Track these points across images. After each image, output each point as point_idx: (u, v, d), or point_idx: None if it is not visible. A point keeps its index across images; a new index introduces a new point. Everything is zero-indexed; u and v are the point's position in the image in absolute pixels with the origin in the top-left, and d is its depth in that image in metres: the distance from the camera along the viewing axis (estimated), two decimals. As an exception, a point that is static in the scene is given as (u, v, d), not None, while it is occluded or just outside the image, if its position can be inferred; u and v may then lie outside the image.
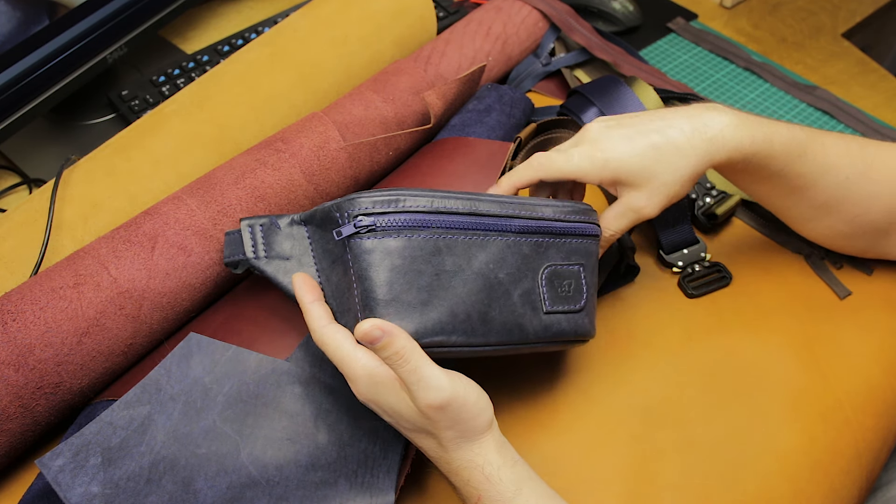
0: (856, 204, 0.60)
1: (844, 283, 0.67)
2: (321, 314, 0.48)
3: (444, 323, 0.47)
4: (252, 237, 0.51)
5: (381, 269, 0.46)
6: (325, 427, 0.52)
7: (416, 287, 0.46)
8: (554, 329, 0.52)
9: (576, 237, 0.53)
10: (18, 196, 0.75)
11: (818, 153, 0.57)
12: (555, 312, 0.52)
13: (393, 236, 0.46)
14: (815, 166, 0.57)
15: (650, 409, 0.59)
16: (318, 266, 0.50)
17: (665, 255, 0.68)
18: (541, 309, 0.51)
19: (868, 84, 0.89)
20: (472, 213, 0.49)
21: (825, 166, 0.58)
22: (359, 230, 0.46)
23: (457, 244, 0.48)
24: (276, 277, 0.51)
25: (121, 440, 0.48)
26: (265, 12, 0.93)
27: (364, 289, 0.46)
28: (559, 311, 0.52)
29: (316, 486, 0.50)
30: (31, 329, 0.51)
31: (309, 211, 0.51)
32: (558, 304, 0.52)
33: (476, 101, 0.72)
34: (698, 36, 0.94)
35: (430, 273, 0.47)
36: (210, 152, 0.65)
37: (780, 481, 0.56)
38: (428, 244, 0.47)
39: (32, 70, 0.69)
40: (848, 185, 0.59)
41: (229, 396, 0.51)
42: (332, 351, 0.47)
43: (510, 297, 0.50)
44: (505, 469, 0.47)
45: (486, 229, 0.49)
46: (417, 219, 0.47)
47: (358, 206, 0.46)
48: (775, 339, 0.63)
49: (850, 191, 0.59)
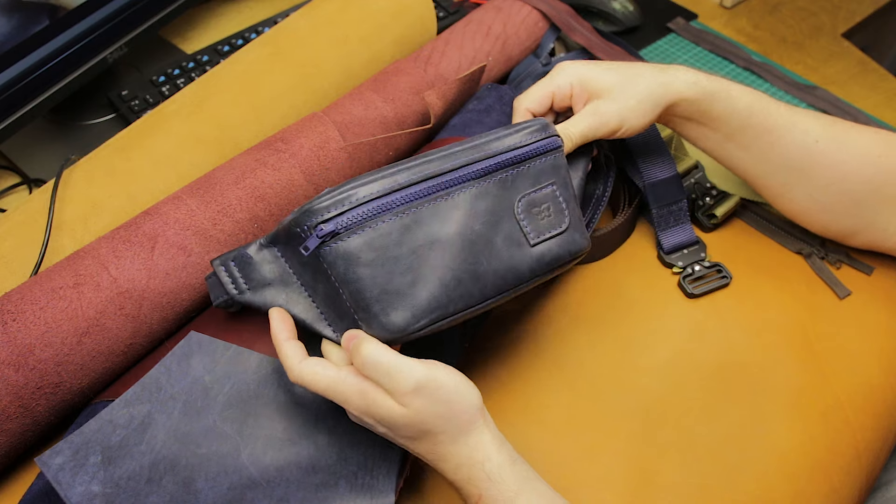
0: (829, 169, 0.61)
1: (844, 283, 0.67)
2: (294, 352, 0.47)
3: (437, 297, 0.47)
4: (229, 275, 0.50)
5: (358, 269, 0.46)
6: (326, 429, 0.52)
7: (398, 272, 0.46)
8: (547, 258, 0.51)
9: (537, 157, 0.52)
10: (18, 196, 0.75)
11: (783, 110, 0.61)
12: (543, 241, 0.51)
13: (358, 233, 0.46)
14: (781, 121, 0.60)
15: (650, 409, 0.59)
16: (301, 280, 0.49)
17: (665, 255, 0.68)
18: (527, 244, 0.50)
19: (868, 84, 0.89)
20: (425, 178, 0.48)
21: (791, 122, 0.60)
22: (323, 239, 0.46)
23: (422, 215, 0.47)
24: (266, 306, 0.50)
25: (121, 439, 0.48)
26: (265, 12, 0.93)
27: (350, 292, 0.46)
28: (547, 238, 0.51)
29: (316, 487, 0.50)
30: (31, 329, 0.51)
31: (272, 232, 0.50)
32: (543, 232, 0.51)
33: (476, 102, 0.72)
34: (698, 36, 0.94)
35: (407, 254, 0.46)
36: (210, 152, 0.65)
37: (780, 481, 0.56)
38: (394, 226, 0.46)
39: (32, 70, 0.69)
40: (820, 150, 0.60)
41: (230, 396, 0.51)
42: (315, 383, 0.47)
43: (494, 245, 0.49)
44: (505, 467, 0.47)
45: (446, 187, 0.48)
46: (374, 206, 0.46)
47: (314, 216, 0.46)
48: (775, 339, 0.63)
49: (822, 155, 0.61)
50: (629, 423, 0.58)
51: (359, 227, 0.46)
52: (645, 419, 0.59)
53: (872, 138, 0.61)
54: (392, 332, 0.46)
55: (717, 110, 0.60)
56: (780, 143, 0.61)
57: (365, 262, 0.46)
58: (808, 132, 0.60)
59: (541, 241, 0.51)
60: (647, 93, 0.59)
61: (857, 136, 0.61)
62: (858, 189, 0.61)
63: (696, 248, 0.68)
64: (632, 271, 0.68)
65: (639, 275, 0.67)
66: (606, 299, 0.66)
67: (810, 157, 0.61)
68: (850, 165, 0.60)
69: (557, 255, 0.52)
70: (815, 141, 0.60)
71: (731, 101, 0.60)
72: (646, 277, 0.67)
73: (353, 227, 0.46)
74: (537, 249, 0.51)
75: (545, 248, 0.51)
